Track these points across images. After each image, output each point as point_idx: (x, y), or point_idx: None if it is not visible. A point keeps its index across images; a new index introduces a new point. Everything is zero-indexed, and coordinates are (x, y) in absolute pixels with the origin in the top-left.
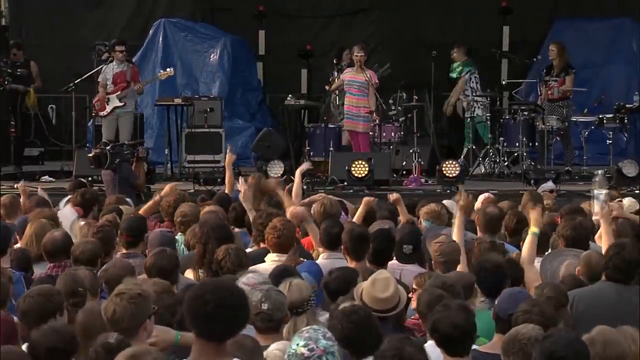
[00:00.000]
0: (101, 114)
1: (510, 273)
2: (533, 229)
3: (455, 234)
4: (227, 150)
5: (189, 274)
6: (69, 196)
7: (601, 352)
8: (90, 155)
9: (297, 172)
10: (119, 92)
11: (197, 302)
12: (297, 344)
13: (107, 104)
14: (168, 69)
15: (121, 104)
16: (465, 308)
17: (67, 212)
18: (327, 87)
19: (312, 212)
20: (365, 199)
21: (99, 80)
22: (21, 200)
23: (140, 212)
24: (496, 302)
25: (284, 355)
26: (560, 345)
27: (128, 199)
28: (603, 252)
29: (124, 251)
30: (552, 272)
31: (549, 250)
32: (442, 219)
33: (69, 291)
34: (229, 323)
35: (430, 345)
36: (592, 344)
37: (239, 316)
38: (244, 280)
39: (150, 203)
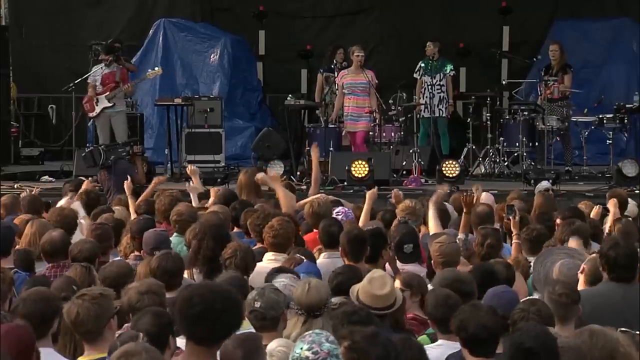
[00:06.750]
0: (90, 114)
1: (503, 276)
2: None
3: (432, 227)
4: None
5: (186, 273)
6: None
7: (588, 340)
8: (84, 153)
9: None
10: (107, 93)
11: (185, 305)
12: (301, 348)
13: (97, 105)
14: (156, 68)
15: (110, 104)
16: (494, 310)
17: (77, 206)
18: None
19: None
20: (369, 193)
21: (88, 81)
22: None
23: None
24: (482, 302)
25: (288, 351)
26: (529, 337)
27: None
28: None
29: (137, 253)
30: (546, 272)
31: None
32: (417, 214)
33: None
34: (215, 327)
35: (431, 347)
36: (580, 333)
37: (227, 320)
38: (280, 286)
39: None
